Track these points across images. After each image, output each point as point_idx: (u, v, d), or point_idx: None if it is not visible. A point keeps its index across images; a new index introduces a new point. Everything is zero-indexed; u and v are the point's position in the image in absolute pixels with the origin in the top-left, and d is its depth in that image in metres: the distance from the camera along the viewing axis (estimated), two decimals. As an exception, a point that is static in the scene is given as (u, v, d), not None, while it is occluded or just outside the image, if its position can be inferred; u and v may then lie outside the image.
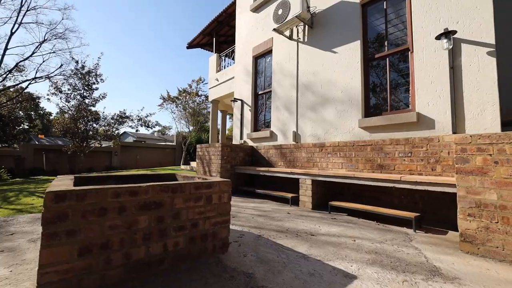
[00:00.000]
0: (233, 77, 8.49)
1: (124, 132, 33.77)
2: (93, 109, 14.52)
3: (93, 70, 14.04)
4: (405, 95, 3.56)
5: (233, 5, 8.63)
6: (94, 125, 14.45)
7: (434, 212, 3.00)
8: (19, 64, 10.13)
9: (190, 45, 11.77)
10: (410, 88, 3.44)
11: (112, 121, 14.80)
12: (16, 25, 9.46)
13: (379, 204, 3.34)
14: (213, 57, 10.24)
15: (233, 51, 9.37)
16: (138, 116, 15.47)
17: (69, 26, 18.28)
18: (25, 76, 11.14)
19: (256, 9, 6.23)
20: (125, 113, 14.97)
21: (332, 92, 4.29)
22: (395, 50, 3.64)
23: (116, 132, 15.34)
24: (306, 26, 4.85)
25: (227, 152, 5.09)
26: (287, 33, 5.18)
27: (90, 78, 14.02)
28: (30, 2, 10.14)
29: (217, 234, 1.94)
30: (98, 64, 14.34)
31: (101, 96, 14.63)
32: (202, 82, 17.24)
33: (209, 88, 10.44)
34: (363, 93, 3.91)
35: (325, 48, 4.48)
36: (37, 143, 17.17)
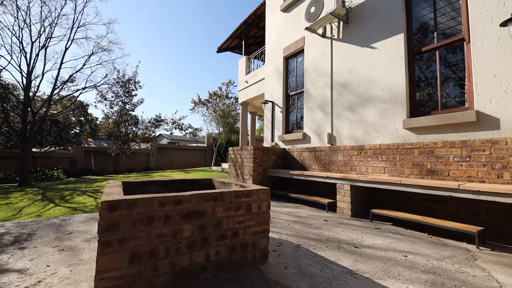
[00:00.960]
0: (262, 79, 8.47)
1: (159, 134, 36.01)
2: (132, 113, 15.70)
3: (132, 78, 15.17)
4: (459, 92, 3.17)
5: (262, 6, 8.62)
6: (134, 128, 15.61)
7: (499, 225, 2.60)
8: (72, 76, 11.34)
9: (220, 49, 12.05)
10: (466, 84, 3.04)
11: (149, 124, 15.83)
12: (69, 42, 10.58)
13: (429, 214, 3.00)
14: (242, 59, 10.34)
15: (262, 53, 9.36)
16: (172, 119, 16.31)
17: (112, 38, 20.19)
18: (77, 86, 12.48)
19: (287, 8, 6.11)
20: (160, 117, 15.91)
21: (371, 91, 4.00)
22: (447, 41, 3.25)
23: (152, 134, 16.38)
24: (341, 23, 4.60)
25: (259, 155, 5.06)
26: (320, 31, 4.97)
27: (130, 85, 15.17)
28: (80, 20, 11.23)
29: (257, 244, 1.89)
30: (136, 72, 15.46)
31: (139, 102, 15.75)
32: (232, 84, 17.58)
33: (239, 91, 10.56)
34: (408, 91, 3.57)
35: (363, 44, 4.20)
36: (86, 146, 19.13)
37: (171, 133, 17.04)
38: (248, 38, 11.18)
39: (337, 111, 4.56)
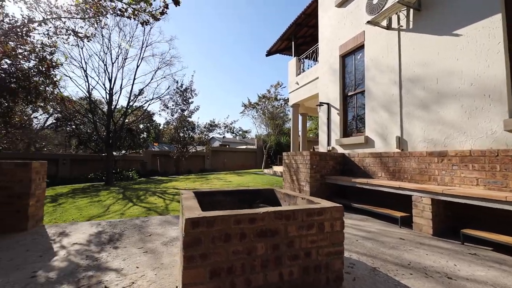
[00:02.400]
0: (315, 79, 8.14)
1: (212, 137, 38.54)
2: (190, 119, 17.15)
3: (189, 87, 16.56)
4: None
5: (312, 4, 8.31)
6: (191, 133, 17.02)
7: None
8: (142, 89, 13.02)
9: (269, 53, 12.12)
10: None
11: (204, 129, 17.02)
12: (140, 60, 12.17)
13: (552, 241, 2.34)
14: (292, 61, 10.17)
15: (313, 52, 9.02)
16: (225, 124, 17.18)
17: (173, 53, 22.60)
18: (145, 98, 14.32)
19: (342, 3, 5.71)
20: (214, 122, 16.94)
21: (454, 85, 3.38)
22: None
23: (207, 138, 17.58)
24: (411, 11, 4.04)
25: (316, 161, 4.84)
26: (384, 23, 4.47)
27: (187, 94, 16.60)
28: (148, 40, 12.80)
29: (330, 266, 1.75)
30: (192, 81, 16.84)
31: (195, 108, 17.10)
32: (280, 86, 17.53)
33: (289, 93, 10.41)
34: (510, 85, 2.88)
35: (441, 32, 3.59)
36: (153, 149, 21.71)
37: (223, 137, 17.97)
38: (297, 39, 10.94)
39: (407, 110, 4.01)
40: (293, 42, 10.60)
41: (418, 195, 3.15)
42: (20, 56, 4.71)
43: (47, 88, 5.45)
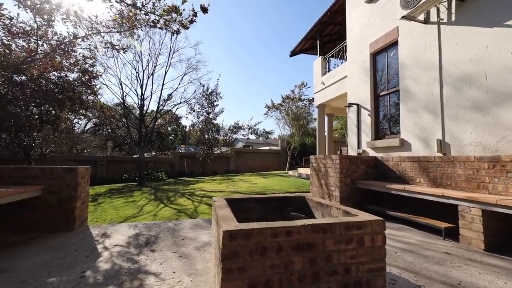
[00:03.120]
0: (342, 78, 7.85)
1: (236, 138, 39.11)
2: (215, 122, 17.57)
3: (214, 90, 16.96)
4: None
5: (339, 1, 8.02)
6: (216, 135, 17.41)
7: None
8: (171, 94, 13.63)
9: (293, 53, 11.96)
10: None
11: (229, 131, 17.31)
12: (168, 66, 12.76)
13: None
14: (317, 60, 9.92)
15: (340, 50, 8.71)
16: (248, 126, 17.31)
17: (199, 59, 23.40)
18: (173, 102, 14.96)
19: (373, -2, 5.43)
20: (238, 124, 17.15)
21: (509, 82, 3.02)
22: None
23: (231, 140, 17.86)
24: (453, 2, 3.70)
25: (346, 165, 4.64)
26: (421, 17, 4.16)
27: (212, 97, 17.01)
28: (175, 46, 13.37)
29: (372, 283, 1.65)
30: (217, 84, 17.23)
31: (220, 111, 17.46)
32: (305, 86, 17.23)
33: (315, 93, 10.17)
34: None
35: (491, 24, 3.23)
36: (180, 151, 22.62)
37: (247, 138, 18.12)
38: (322, 37, 10.65)
39: (451, 112, 3.67)
40: (318, 41, 10.34)
41: (465, 204, 2.86)
42: (65, 69, 5.25)
43: (88, 97, 5.98)
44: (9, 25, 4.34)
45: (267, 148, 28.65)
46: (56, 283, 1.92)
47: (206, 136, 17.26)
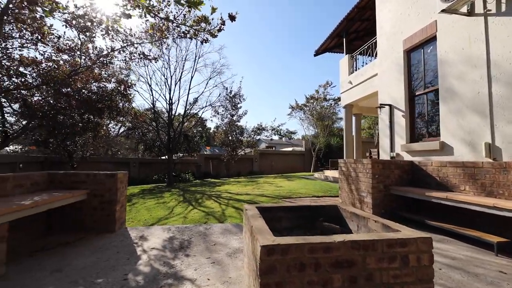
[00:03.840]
0: (371, 77, 7.49)
1: (259, 139, 39.27)
2: (238, 124, 17.80)
3: (238, 93, 17.18)
4: None
5: (367, -4, 7.67)
6: (240, 137, 17.62)
7: None
8: (197, 98, 14.09)
9: (318, 52, 11.69)
10: None
11: (252, 133, 17.41)
12: (194, 71, 13.21)
13: None
14: (344, 59, 9.58)
15: (368, 47, 8.31)
16: (272, 127, 17.27)
17: (223, 62, 23.92)
18: (199, 106, 15.46)
19: (406, -8, 5.10)
20: (261, 126, 17.19)
21: None
22: None
23: (255, 140, 17.95)
24: (504, -10, 3.33)
25: (379, 170, 4.41)
26: (464, 9, 3.81)
27: (236, 99, 17.25)
28: (200, 52, 13.78)
29: (418, 305, 1.53)
30: (240, 87, 17.44)
31: (243, 113, 17.65)
32: (329, 85, 16.75)
33: (341, 93, 9.83)
34: None
35: (552, 12, 2.85)
36: (205, 153, 23.28)
37: (271, 139, 18.08)
38: (349, 34, 10.26)
39: (503, 112, 3.31)
40: (344, 39, 9.98)
41: (523, 218, 2.55)
42: (103, 80, 5.72)
43: (124, 105, 6.44)
44: (57, 43, 4.86)
45: (290, 149, 28.32)
46: (103, 284, 2.06)
47: (230, 137, 17.55)
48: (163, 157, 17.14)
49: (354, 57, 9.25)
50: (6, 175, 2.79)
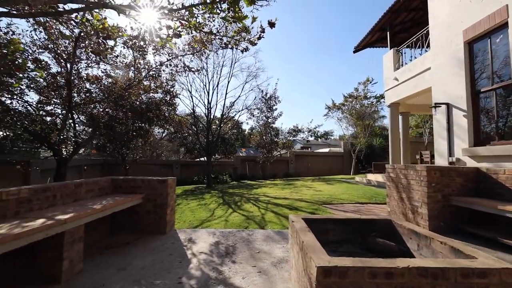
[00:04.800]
0: (421, 72, 6.79)
1: (294, 140, 38.69)
2: (274, 126, 17.78)
3: (273, 95, 17.19)
4: None
5: (415, -15, 7.00)
6: (275, 139, 17.59)
7: None
8: (234, 102, 14.51)
9: (357, 48, 11.05)
10: None
11: (288, 134, 17.24)
12: (230, 76, 13.61)
13: None
14: (388, 54, 8.89)
15: (417, 39, 7.56)
16: (308, 128, 16.87)
17: (258, 66, 24.21)
18: (235, 110, 15.89)
19: (466, -25, 4.50)
20: (297, 127, 16.91)
21: None
22: None
23: (290, 142, 17.74)
24: None
25: (436, 178, 3.96)
26: (547, -12, 3.20)
27: (271, 102, 17.28)
28: (236, 57, 14.13)
29: None
30: (276, 89, 17.42)
31: (279, 114, 17.59)
32: (370, 82, 15.70)
33: (385, 91, 9.13)
34: None
35: None
36: (240, 154, 23.81)
37: (307, 141, 17.67)
38: (393, 27, 9.48)
39: None
40: (388, 33, 9.25)
41: None
42: (152, 91, 6.29)
43: (170, 113, 7.01)
44: (115, 61, 5.52)
45: (327, 149, 27.30)
46: (162, 286, 2.24)
47: (265, 138, 17.64)
48: (202, 159, 17.99)
49: (400, 51, 8.51)
50: (80, 181, 3.22)
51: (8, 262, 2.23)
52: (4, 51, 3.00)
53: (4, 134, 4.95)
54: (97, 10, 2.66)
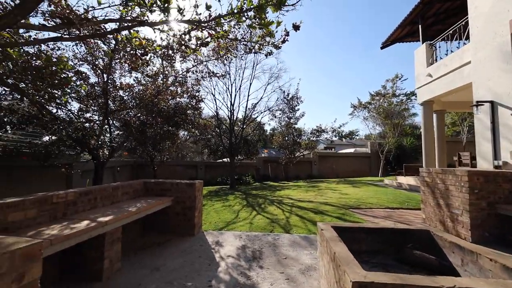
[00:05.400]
0: (459, 67, 6.25)
1: (317, 141, 37.83)
2: (296, 126, 17.53)
3: (295, 95, 16.97)
4: None
5: (451, -27, 6.47)
6: (298, 140, 17.34)
7: None
8: (256, 104, 14.59)
9: (386, 44, 10.50)
10: None
11: (311, 135, 16.90)
12: (252, 79, 13.70)
13: None
14: (420, 48, 8.32)
15: (454, 32, 6.98)
16: (332, 128, 16.39)
17: (280, 67, 24.03)
18: (257, 111, 15.95)
19: (513, -41, 4.07)
20: (321, 127, 16.51)
21: None
22: None
23: (314, 142, 17.37)
24: None
25: (479, 183, 3.62)
26: None
27: (293, 102, 17.06)
28: (258, 59, 14.16)
29: None
30: (298, 89, 17.20)
31: (301, 115, 17.31)
32: (400, 79, 14.82)
33: (417, 88, 8.55)
34: None
35: None
36: (263, 155, 23.83)
37: (331, 142, 17.17)
38: (425, 19, 8.86)
39: None
40: (420, 26, 8.67)
41: None
42: (178, 96, 6.57)
43: (195, 117, 7.26)
44: (146, 70, 5.86)
45: (352, 150, 26.28)
46: (193, 287, 2.31)
47: (287, 139, 17.47)
48: (225, 160, 18.32)
49: (434, 45, 7.92)
50: (116, 185, 3.45)
51: (55, 260, 2.45)
52: (54, 68, 3.35)
53: (52, 140, 5.51)
54: (135, 28, 2.85)
